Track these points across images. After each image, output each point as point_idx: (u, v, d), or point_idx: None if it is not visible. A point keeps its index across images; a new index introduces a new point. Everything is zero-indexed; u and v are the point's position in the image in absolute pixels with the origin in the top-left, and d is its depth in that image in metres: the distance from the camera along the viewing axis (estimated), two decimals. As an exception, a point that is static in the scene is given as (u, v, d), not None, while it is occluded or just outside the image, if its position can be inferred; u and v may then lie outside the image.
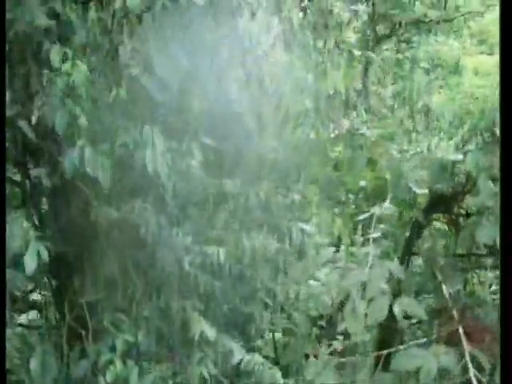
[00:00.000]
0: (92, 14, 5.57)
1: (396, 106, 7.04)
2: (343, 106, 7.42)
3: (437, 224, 7.46)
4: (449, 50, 17.60)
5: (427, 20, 16.26)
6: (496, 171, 6.29)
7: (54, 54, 5.43)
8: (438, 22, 16.10)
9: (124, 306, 5.41)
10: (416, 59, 17.79)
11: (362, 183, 7.90)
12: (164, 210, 5.28)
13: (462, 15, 16.02)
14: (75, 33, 5.54)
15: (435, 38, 17.48)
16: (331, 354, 8.42)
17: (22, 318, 6.26)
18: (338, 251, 6.40)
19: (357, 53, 7.53)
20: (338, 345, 8.73)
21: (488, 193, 5.99)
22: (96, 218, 5.17)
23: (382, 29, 17.39)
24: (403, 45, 17.76)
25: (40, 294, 5.83)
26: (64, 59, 5.00)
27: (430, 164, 6.61)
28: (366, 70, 7.92)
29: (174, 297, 5.33)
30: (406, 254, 7.57)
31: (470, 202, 6.22)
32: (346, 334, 8.20)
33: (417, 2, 16.82)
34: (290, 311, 6.85)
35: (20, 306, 5.83)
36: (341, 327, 6.93)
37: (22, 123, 5.29)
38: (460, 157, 6.36)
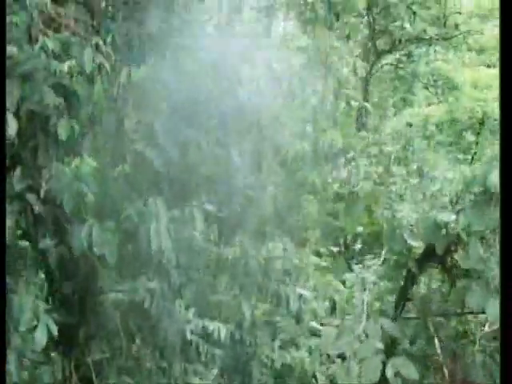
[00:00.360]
0: (98, 86, 5.78)
1: (393, 158, 7.30)
2: (341, 154, 7.65)
3: (431, 271, 7.71)
4: (448, 64, 17.77)
5: (427, 37, 16.41)
6: (488, 233, 6.54)
7: (62, 127, 5.66)
8: (437, 39, 16.27)
9: (128, 368, 5.65)
10: (416, 73, 17.97)
11: (360, 229, 8.17)
12: (167, 279, 5.52)
13: (461, 33, 16.17)
14: (82, 106, 5.76)
15: (435, 52, 17.65)
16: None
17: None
18: (334, 310, 6.66)
19: (354, 103, 7.75)
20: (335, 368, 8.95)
21: (477, 258, 6.23)
22: (103, 286, 5.42)
23: (381, 43, 17.55)
24: (403, 59, 17.92)
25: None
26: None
27: (424, 220, 6.84)
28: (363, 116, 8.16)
29: (176, 360, 5.57)
30: (401, 300, 7.83)
31: (460, 263, 6.46)
32: (343, 358, 8.43)
33: (417, 18, 16.97)
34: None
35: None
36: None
37: (31, 197, 5.52)
38: (453, 217, 6.58)
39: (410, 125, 18.50)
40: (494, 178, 6.70)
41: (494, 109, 18.05)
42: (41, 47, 5.73)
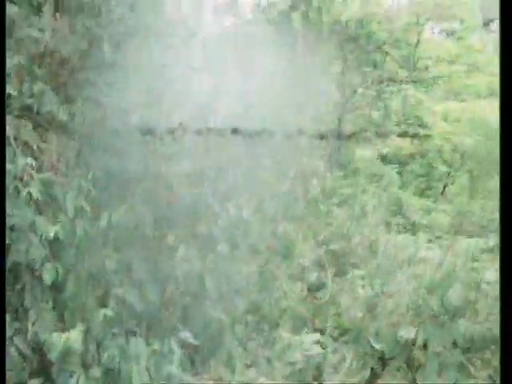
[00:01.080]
0: (79, 230, 6.16)
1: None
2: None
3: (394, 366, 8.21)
4: (418, 102, 18.31)
5: (398, 79, 16.92)
6: (445, 351, 7.03)
7: (47, 272, 6.06)
8: (407, 82, 16.79)
9: None
10: (388, 110, 18.48)
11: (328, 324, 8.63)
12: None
13: (432, 77, 16.70)
14: (64, 249, 6.15)
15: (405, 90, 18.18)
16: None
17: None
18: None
19: (322, 205, 8.17)
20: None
21: (434, 379, 6.73)
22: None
23: (354, 81, 18.02)
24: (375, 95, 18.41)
25: None
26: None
27: (384, 334, 7.31)
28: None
29: None
30: (368, 392, 8.33)
31: (418, 382, 6.97)
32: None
33: (387, 58, 17.48)
34: None
35: None
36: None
37: (18, 340, 5.92)
38: (413, 333, 7.07)
39: (384, 157, 19.05)
40: (452, 294, 7.20)
41: (463, 141, 18.68)
42: (27, 193, 6.09)
